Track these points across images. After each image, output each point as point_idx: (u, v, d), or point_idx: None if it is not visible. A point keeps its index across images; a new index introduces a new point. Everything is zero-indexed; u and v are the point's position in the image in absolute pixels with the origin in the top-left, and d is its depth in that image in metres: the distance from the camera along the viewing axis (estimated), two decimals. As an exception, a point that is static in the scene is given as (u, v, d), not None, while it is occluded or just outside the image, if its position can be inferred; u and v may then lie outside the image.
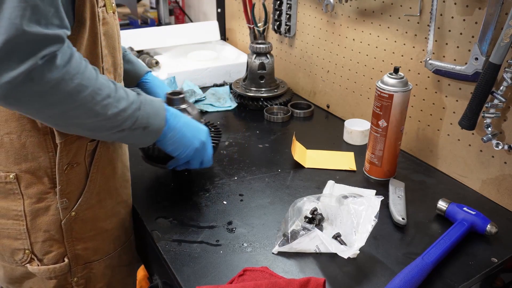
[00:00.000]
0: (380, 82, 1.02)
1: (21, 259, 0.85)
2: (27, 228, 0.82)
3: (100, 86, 0.70)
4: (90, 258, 0.90)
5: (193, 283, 0.78)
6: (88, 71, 0.69)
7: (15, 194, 0.80)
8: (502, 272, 0.86)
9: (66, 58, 0.64)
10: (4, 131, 0.76)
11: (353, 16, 1.29)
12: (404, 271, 0.77)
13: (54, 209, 0.82)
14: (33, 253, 0.84)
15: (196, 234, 0.90)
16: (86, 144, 0.82)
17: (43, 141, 0.77)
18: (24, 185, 0.79)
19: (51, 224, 0.83)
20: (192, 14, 2.43)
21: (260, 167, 1.14)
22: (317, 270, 0.81)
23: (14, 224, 0.82)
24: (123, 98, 0.75)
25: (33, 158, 0.78)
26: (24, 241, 0.83)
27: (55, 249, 0.85)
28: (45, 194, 0.81)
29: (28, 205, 0.81)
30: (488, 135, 0.96)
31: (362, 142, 1.25)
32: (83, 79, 0.67)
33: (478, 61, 0.95)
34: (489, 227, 0.87)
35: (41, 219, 0.82)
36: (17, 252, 0.84)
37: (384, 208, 0.97)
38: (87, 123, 0.72)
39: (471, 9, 0.97)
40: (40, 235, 0.83)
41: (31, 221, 0.82)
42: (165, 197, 1.02)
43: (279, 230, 0.90)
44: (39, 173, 0.79)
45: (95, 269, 0.91)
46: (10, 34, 0.58)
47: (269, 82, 1.51)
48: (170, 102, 1.01)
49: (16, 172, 0.78)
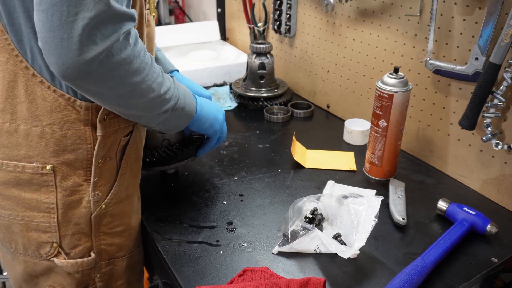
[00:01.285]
0: (380, 82, 1.02)
1: (47, 252, 0.84)
2: (58, 221, 0.82)
3: (153, 67, 0.74)
4: (115, 254, 0.90)
5: (193, 283, 0.78)
6: (144, 51, 0.71)
7: (49, 186, 0.79)
8: (502, 272, 0.86)
9: (136, 36, 0.68)
10: (47, 121, 0.76)
11: (353, 16, 1.29)
12: (404, 271, 0.77)
13: (86, 202, 0.82)
14: (61, 247, 0.84)
15: (196, 234, 0.90)
16: (120, 138, 0.83)
17: (83, 133, 0.78)
18: (60, 177, 0.79)
19: (81, 217, 0.83)
20: (192, 14, 2.43)
21: (260, 167, 1.14)
22: (317, 270, 0.81)
23: (45, 217, 0.81)
24: (167, 78, 0.79)
25: (72, 150, 0.78)
26: (53, 234, 0.83)
27: (83, 242, 0.85)
28: (79, 186, 0.81)
29: (61, 197, 0.80)
30: (488, 135, 0.96)
31: (362, 142, 1.25)
32: (144, 57, 0.70)
33: (478, 61, 0.95)
34: (489, 227, 0.87)
35: (72, 212, 0.82)
36: (44, 245, 0.84)
37: (384, 208, 0.97)
38: (144, 102, 0.74)
39: (471, 9, 0.97)
40: (70, 228, 0.83)
41: (63, 214, 0.81)
42: (165, 197, 1.02)
43: (279, 230, 0.90)
44: (75, 165, 0.80)
45: (118, 265, 0.91)
46: (100, 9, 0.60)
47: (269, 82, 1.51)
48: None
49: (53, 163, 0.78)
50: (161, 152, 0.99)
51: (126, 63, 0.66)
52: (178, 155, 1.01)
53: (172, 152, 1.00)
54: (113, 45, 0.63)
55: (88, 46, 0.60)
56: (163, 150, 1.00)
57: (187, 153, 1.02)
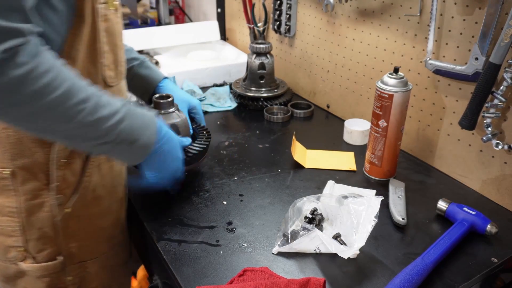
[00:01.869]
0: (380, 82, 1.02)
1: (14, 256, 0.84)
2: (22, 225, 0.81)
3: (76, 90, 0.65)
4: (85, 257, 0.89)
5: (193, 283, 0.78)
6: (62, 73, 0.64)
7: (10, 190, 0.79)
8: (502, 272, 0.86)
9: (31, 54, 0.60)
10: (1, 125, 0.75)
11: (353, 16, 1.29)
12: (404, 271, 0.77)
13: (49, 205, 0.81)
14: (27, 251, 0.84)
15: (196, 234, 0.90)
16: None
17: None
18: (20, 181, 0.79)
19: (45, 221, 0.82)
20: (192, 14, 2.43)
21: (260, 167, 1.14)
22: (317, 270, 0.81)
23: (9, 221, 0.81)
24: (105, 106, 0.69)
25: (29, 153, 0.77)
26: (18, 238, 0.82)
27: (49, 246, 0.84)
28: (40, 190, 0.80)
29: (24, 201, 0.80)
30: (488, 135, 0.96)
31: (362, 142, 1.26)
32: (54, 79, 0.62)
33: (478, 61, 0.95)
34: (489, 227, 0.87)
35: (36, 216, 0.81)
36: (10, 249, 0.84)
37: (384, 208, 0.97)
38: (61, 129, 0.67)
39: (471, 9, 0.97)
40: (34, 232, 0.82)
41: (26, 218, 0.81)
42: (165, 197, 1.02)
43: (279, 230, 0.90)
44: (35, 169, 0.79)
45: (90, 268, 0.90)
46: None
47: (269, 82, 1.51)
48: (157, 106, 1.00)
49: (12, 168, 0.78)
50: (199, 145, 1.02)
51: (15, 83, 0.58)
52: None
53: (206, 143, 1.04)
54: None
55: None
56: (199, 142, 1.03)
57: None
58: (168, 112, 1.00)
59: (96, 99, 0.68)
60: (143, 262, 1.13)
